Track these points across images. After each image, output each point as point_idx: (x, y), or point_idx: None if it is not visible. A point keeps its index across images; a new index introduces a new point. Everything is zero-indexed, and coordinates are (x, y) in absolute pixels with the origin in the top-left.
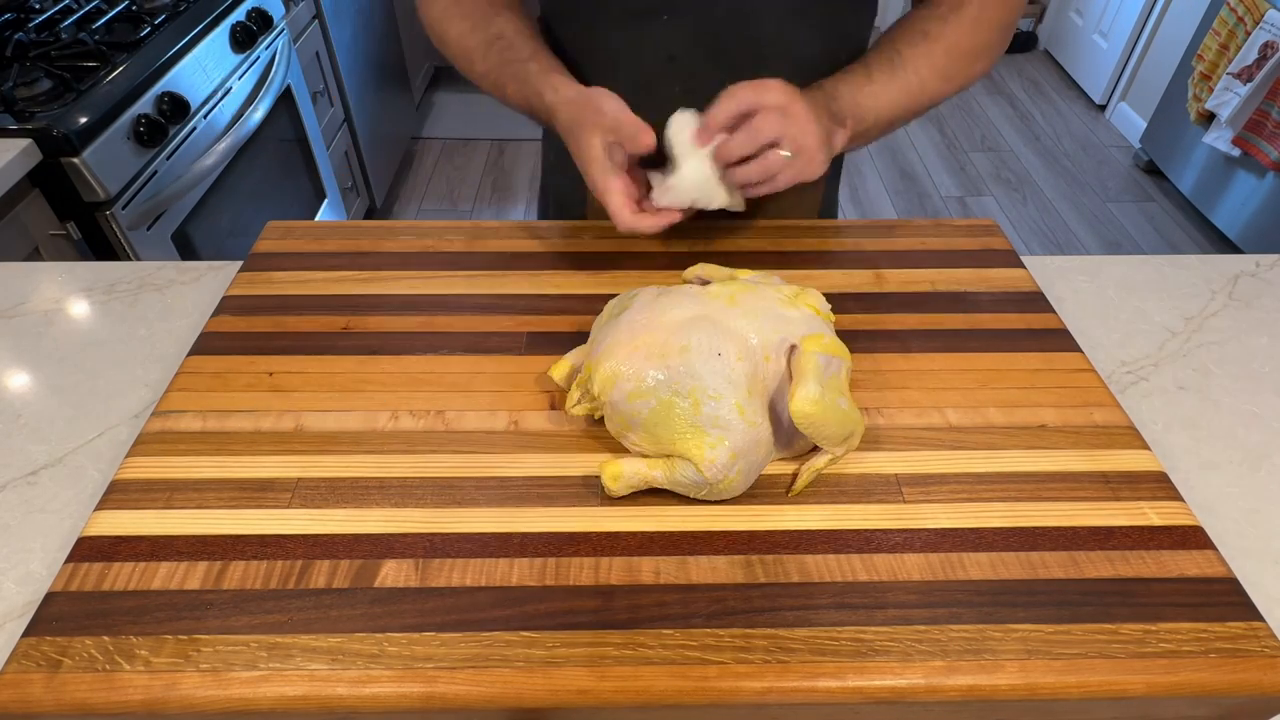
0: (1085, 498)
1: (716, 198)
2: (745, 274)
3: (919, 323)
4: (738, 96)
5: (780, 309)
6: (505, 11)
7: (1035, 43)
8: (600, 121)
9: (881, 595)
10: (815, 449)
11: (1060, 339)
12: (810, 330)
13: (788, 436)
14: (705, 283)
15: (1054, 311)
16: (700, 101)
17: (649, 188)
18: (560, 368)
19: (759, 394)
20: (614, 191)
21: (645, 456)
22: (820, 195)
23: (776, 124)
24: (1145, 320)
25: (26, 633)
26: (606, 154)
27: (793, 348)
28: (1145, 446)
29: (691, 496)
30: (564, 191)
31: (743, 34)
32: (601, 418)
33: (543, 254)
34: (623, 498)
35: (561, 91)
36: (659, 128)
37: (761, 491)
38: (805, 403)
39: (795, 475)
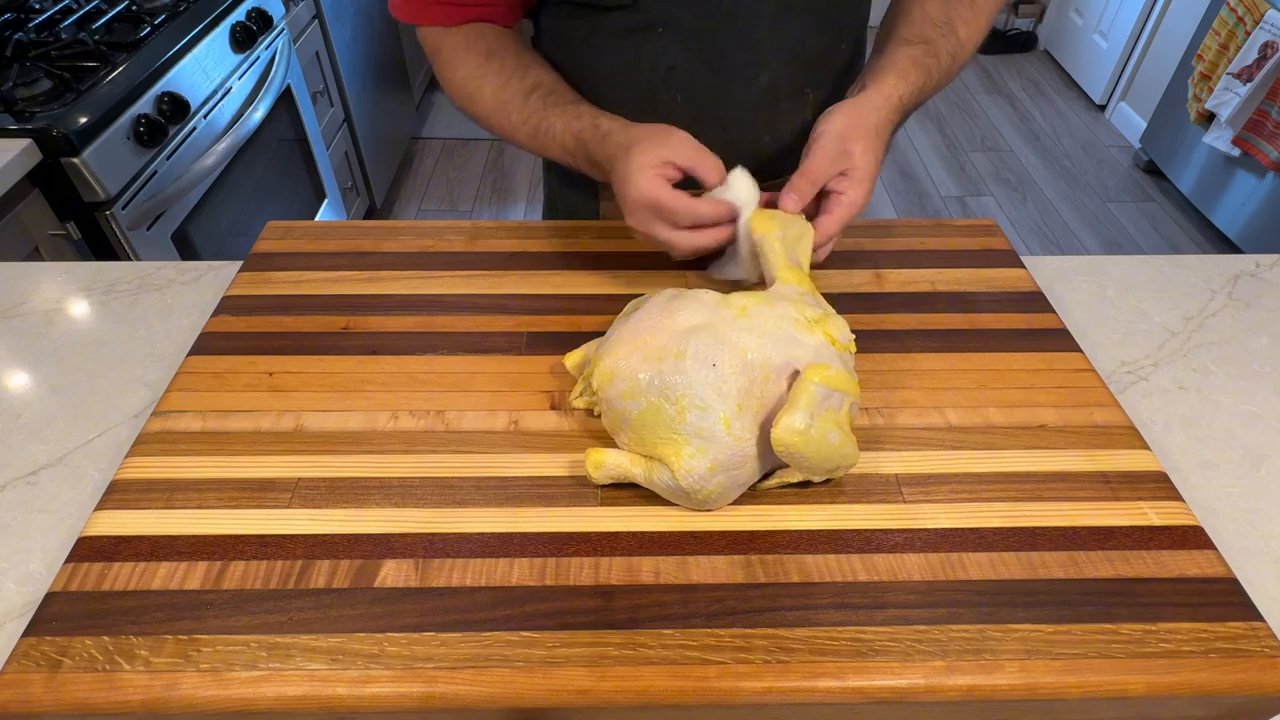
0: (1085, 498)
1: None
2: (792, 275)
3: (919, 323)
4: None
5: (794, 331)
6: (538, 65)
7: (1035, 43)
8: (671, 142)
9: (881, 595)
10: None
11: (1060, 339)
12: (819, 359)
13: (775, 459)
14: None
15: (1054, 311)
16: (702, 108)
17: None
18: (573, 357)
19: (752, 411)
20: (685, 206)
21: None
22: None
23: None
24: (1145, 320)
25: (26, 633)
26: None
27: (796, 373)
28: (1145, 446)
29: (671, 502)
30: (575, 204)
31: (740, 38)
32: (600, 413)
33: (543, 254)
34: (623, 498)
35: (621, 122)
36: None
37: (761, 492)
38: (786, 431)
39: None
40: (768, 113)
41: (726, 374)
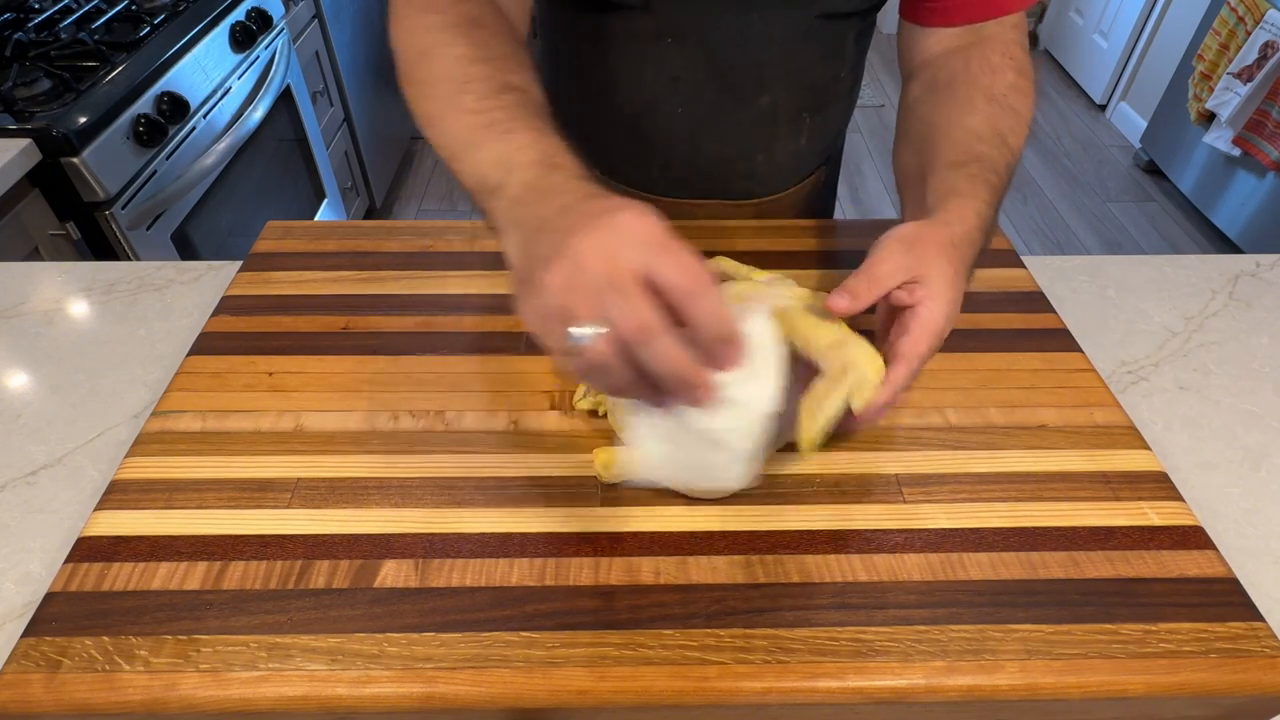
0: (1085, 498)
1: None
2: (761, 275)
3: None
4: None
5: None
6: (527, 70)
7: (1035, 43)
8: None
9: (881, 595)
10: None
11: (1060, 339)
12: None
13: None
14: (721, 280)
15: (1054, 311)
16: (701, 122)
17: None
18: None
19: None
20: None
21: None
22: (818, 195)
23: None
24: (1145, 320)
25: (26, 633)
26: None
27: None
28: (1145, 446)
29: (671, 500)
30: None
31: (745, 57)
32: (605, 413)
33: None
34: (623, 498)
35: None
36: (659, 146)
37: (761, 491)
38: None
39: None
40: (765, 133)
41: None
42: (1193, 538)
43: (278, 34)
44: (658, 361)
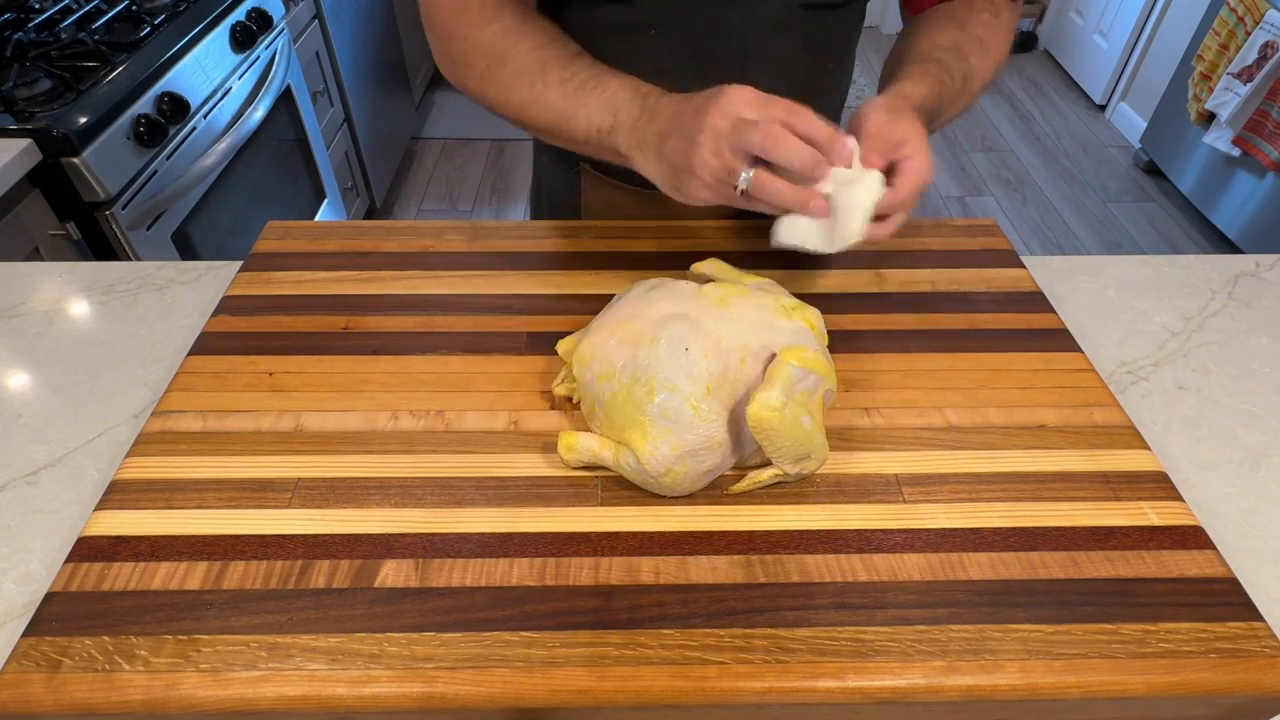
0: (1085, 498)
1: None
2: (752, 279)
3: (919, 323)
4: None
5: (772, 318)
6: (575, 41)
7: (1035, 43)
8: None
9: (881, 595)
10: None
11: (1060, 339)
12: (796, 342)
13: (747, 444)
14: (710, 281)
15: (1054, 311)
16: None
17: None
18: (566, 344)
19: (723, 395)
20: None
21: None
22: None
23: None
24: (1145, 320)
25: (26, 633)
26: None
27: (773, 356)
28: (1145, 446)
29: (642, 488)
30: (558, 192)
31: (728, 47)
32: (579, 401)
33: (543, 254)
34: (623, 498)
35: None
36: None
37: (761, 491)
38: (762, 407)
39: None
40: None
41: (698, 358)
42: (1192, 538)
43: (278, 34)
44: (792, 156)
